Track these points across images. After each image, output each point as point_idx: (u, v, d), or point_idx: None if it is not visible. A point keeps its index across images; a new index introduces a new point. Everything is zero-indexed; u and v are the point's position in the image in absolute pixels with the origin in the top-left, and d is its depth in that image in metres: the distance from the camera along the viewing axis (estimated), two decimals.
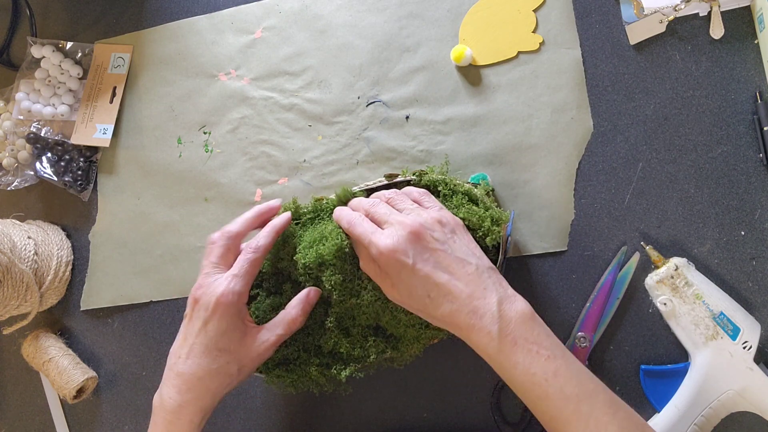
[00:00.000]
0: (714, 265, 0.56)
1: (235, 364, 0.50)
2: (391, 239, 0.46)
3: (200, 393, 0.49)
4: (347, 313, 0.54)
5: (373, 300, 0.51)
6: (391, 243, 0.46)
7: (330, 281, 0.51)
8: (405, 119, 0.65)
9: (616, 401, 0.44)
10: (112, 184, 0.72)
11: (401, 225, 0.47)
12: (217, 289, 0.49)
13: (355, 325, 0.54)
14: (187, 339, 0.50)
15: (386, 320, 0.53)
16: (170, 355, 0.51)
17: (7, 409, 0.72)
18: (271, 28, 0.70)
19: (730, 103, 0.58)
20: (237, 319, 0.50)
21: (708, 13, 0.59)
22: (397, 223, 0.47)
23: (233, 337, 0.50)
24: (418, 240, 0.46)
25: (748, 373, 0.52)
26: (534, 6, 0.63)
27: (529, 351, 0.43)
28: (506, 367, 0.44)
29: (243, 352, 0.51)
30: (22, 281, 0.63)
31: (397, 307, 0.51)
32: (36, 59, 0.74)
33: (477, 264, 0.46)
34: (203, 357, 0.49)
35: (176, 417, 0.49)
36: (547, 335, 0.45)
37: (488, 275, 0.46)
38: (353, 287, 0.52)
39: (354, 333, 0.54)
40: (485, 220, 0.51)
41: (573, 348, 0.57)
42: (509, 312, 0.45)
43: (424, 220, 0.47)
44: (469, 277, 0.46)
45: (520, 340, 0.44)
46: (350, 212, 0.51)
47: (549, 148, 0.61)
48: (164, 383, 0.51)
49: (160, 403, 0.50)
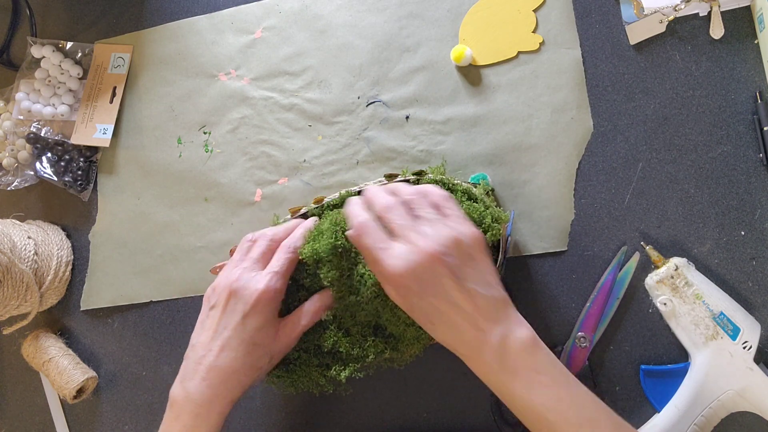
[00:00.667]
0: (714, 265, 0.56)
1: (267, 356, 0.51)
2: (401, 262, 0.43)
3: (232, 386, 0.50)
4: (347, 311, 0.54)
5: (372, 297, 0.51)
6: (402, 267, 0.43)
7: (327, 278, 0.52)
8: (405, 119, 0.65)
9: (621, 425, 0.44)
10: (112, 184, 0.72)
11: (416, 249, 0.43)
12: (259, 284, 0.50)
13: (355, 323, 0.54)
14: (220, 332, 0.50)
15: (386, 317, 0.52)
16: (195, 347, 0.51)
17: (7, 409, 0.72)
18: (271, 28, 0.70)
19: (730, 103, 0.58)
20: (273, 315, 0.51)
21: (708, 13, 0.59)
22: (412, 243, 0.44)
23: (269, 332, 0.51)
24: (432, 268, 0.43)
25: (748, 373, 0.52)
26: (534, 6, 0.63)
27: (531, 380, 0.43)
28: (507, 397, 0.44)
29: (274, 345, 0.52)
30: (22, 281, 0.63)
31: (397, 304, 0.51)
32: (36, 59, 0.74)
33: (487, 296, 0.44)
34: (239, 350, 0.49)
35: (207, 410, 0.49)
36: (549, 362, 0.44)
37: (496, 309, 0.45)
38: (351, 284, 0.52)
39: (354, 332, 0.54)
40: (486, 217, 0.51)
41: (573, 348, 0.57)
42: (512, 344, 0.44)
43: (442, 242, 0.44)
44: (477, 311, 0.44)
45: (521, 369, 0.43)
46: (360, 214, 0.47)
47: (549, 148, 0.61)
48: (189, 376, 0.50)
49: (185, 396, 0.49)
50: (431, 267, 0.43)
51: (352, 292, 0.52)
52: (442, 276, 0.43)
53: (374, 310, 0.52)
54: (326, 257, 0.51)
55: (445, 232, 0.44)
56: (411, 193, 0.48)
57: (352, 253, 0.52)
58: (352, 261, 0.52)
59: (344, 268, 0.52)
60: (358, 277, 0.52)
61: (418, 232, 0.45)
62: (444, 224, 0.45)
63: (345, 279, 0.52)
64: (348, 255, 0.52)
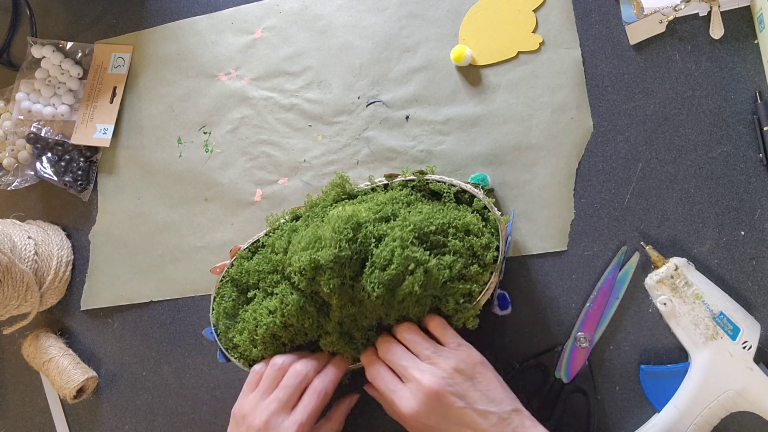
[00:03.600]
0: (714, 265, 0.56)
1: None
2: (411, 403, 0.47)
3: None
4: (347, 318, 0.53)
5: (378, 304, 0.50)
6: (413, 408, 0.47)
7: (328, 285, 0.50)
8: (405, 119, 0.65)
9: None
10: (112, 184, 0.72)
11: (421, 386, 0.47)
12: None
13: (358, 328, 0.53)
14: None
15: (393, 318, 0.52)
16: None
17: (7, 409, 0.72)
18: (271, 28, 0.70)
19: (730, 103, 0.58)
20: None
21: (708, 13, 0.59)
22: (414, 381, 0.48)
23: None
24: (439, 401, 0.47)
25: (748, 373, 0.52)
26: (534, 6, 0.63)
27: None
28: None
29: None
30: (22, 281, 0.63)
31: (406, 306, 0.51)
32: (36, 59, 0.74)
33: (498, 412, 0.47)
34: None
35: None
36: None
37: (509, 422, 0.47)
38: (354, 294, 0.51)
39: (357, 336, 0.53)
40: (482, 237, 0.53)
41: (573, 348, 0.57)
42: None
43: (442, 375, 0.47)
44: (495, 427, 0.47)
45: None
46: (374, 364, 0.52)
47: (549, 148, 0.61)
48: None
49: None
50: (440, 399, 0.47)
51: (354, 303, 0.51)
52: (452, 404, 0.47)
53: (378, 316, 0.52)
54: (328, 265, 0.49)
55: (443, 364, 0.48)
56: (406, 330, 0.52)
57: (356, 263, 0.50)
58: (355, 270, 0.50)
59: (346, 276, 0.50)
60: (362, 291, 0.50)
61: (419, 371, 0.48)
62: (443, 358, 0.49)
63: (347, 288, 0.51)
64: (350, 263, 0.50)
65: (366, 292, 0.50)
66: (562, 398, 0.57)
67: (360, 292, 0.50)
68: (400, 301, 0.50)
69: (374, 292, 0.49)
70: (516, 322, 0.60)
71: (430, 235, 0.51)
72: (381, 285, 0.49)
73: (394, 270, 0.49)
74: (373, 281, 0.49)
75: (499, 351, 0.59)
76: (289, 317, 0.53)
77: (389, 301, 0.51)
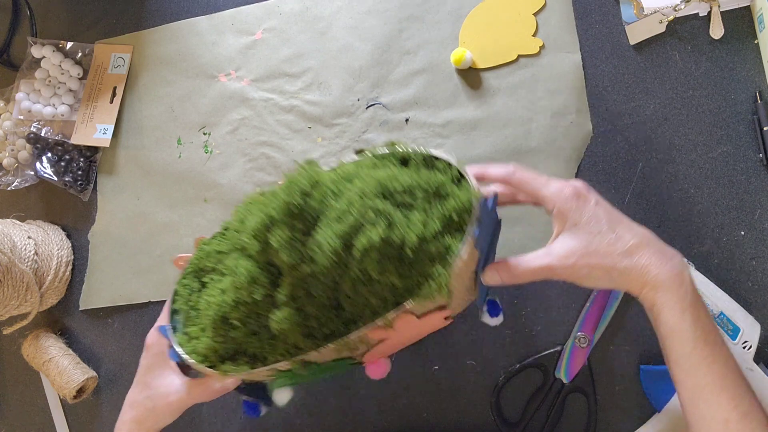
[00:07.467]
0: (714, 265, 0.56)
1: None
2: (562, 183, 0.45)
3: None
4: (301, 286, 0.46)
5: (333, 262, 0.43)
6: (563, 186, 0.45)
7: (277, 239, 0.44)
8: (405, 122, 0.65)
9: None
10: (112, 184, 0.72)
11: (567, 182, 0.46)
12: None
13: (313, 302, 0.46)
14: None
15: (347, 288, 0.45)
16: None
17: (7, 409, 0.72)
18: (272, 30, 0.70)
19: (730, 103, 0.58)
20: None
21: (708, 13, 0.59)
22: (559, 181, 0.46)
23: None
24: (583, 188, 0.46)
25: (748, 373, 0.52)
26: (534, 9, 0.63)
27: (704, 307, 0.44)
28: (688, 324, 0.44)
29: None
30: (22, 281, 0.63)
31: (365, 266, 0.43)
32: (36, 59, 0.74)
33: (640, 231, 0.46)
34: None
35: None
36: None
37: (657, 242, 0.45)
38: (306, 251, 0.44)
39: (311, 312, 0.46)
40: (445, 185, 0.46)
41: (573, 348, 0.57)
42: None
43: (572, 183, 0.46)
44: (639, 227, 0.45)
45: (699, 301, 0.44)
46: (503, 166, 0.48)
47: (548, 152, 0.61)
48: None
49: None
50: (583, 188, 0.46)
51: (305, 261, 0.44)
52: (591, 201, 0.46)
53: (332, 283, 0.45)
54: (280, 218, 0.44)
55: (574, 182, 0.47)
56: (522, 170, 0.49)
57: (308, 217, 0.45)
58: (308, 225, 0.45)
59: (297, 230, 0.45)
60: (314, 245, 0.44)
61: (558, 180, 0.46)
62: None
63: (298, 244, 0.44)
64: (303, 218, 0.45)
65: (318, 246, 0.44)
66: (561, 398, 0.57)
67: (313, 247, 0.44)
68: (358, 259, 0.43)
69: (328, 244, 0.43)
70: (516, 322, 0.60)
71: (395, 194, 0.45)
72: (336, 236, 0.43)
73: (353, 219, 0.43)
74: (327, 233, 0.43)
75: (498, 351, 0.59)
76: (241, 290, 0.47)
77: (345, 259, 0.44)
